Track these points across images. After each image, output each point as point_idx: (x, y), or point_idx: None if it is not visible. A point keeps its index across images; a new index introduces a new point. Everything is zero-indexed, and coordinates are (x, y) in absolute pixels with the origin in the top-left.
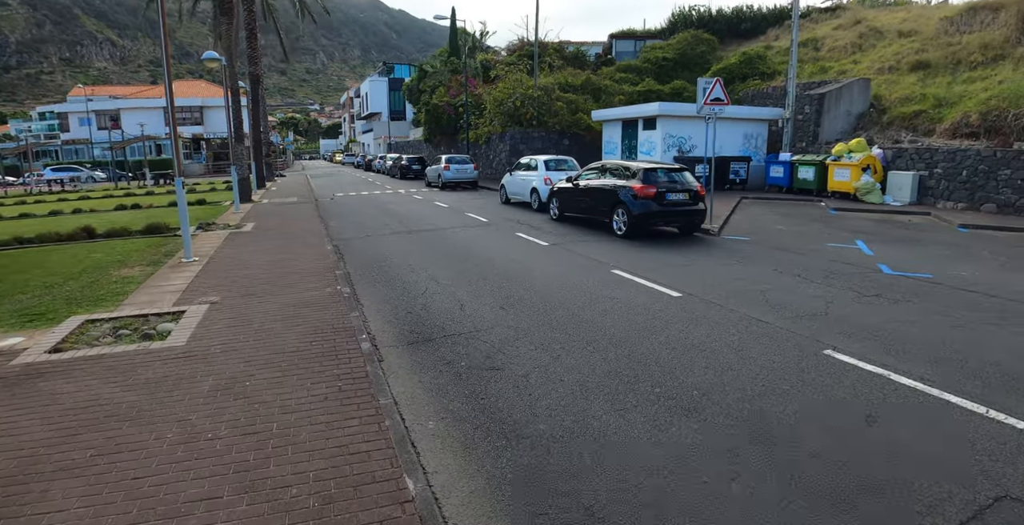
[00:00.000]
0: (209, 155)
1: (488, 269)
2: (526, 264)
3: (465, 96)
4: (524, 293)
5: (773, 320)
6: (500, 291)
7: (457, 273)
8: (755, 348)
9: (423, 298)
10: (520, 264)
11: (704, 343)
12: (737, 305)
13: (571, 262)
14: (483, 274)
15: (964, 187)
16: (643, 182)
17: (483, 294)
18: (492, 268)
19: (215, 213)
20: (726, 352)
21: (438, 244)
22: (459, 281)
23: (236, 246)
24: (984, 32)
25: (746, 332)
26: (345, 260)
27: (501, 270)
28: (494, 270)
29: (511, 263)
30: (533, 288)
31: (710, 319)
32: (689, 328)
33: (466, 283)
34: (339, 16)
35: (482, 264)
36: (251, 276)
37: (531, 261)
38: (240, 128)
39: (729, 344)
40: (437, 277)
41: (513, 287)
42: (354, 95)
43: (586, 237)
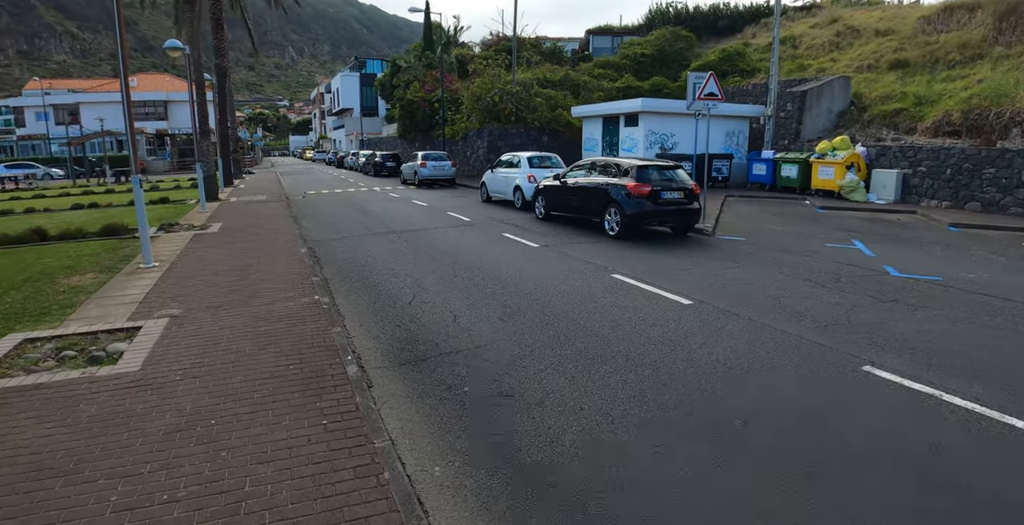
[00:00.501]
0: (174, 151)
1: (478, 274)
2: (519, 268)
3: (441, 91)
4: (522, 302)
5: (797, 331)
6: (495, 300)
7: (445, 279)
8: (787, 365)
9: (411, 309)
10: (512, 269)
11: (730, 360)
12: (753, 313)
13: (566, 266)
14: (474, 280)
15: (948, 185)
16: (637, 180)
17: (477, 303)
18: (482, 273)
19: (179, 212)
20: (758, 371)
21: (421, 246)
22: (449, 288)
23: (201, 249)
24: (961, 31)
25: (772, 346)
26: (321, 265)
27: (493, 275)
28: (485, 275)
29: (502, 267)
30: (531, 296)
31: (729, 331)
32: (710, 342)
33: (457, 290)
34: (308, 11)
35: (471, 268)
36: (218, 284)
37: (523, 265)
38: (205, 123)
39: (758, 360)
40: (424, 284)
41: (509, 295)
42: (325, 91)
43: (577, 238)
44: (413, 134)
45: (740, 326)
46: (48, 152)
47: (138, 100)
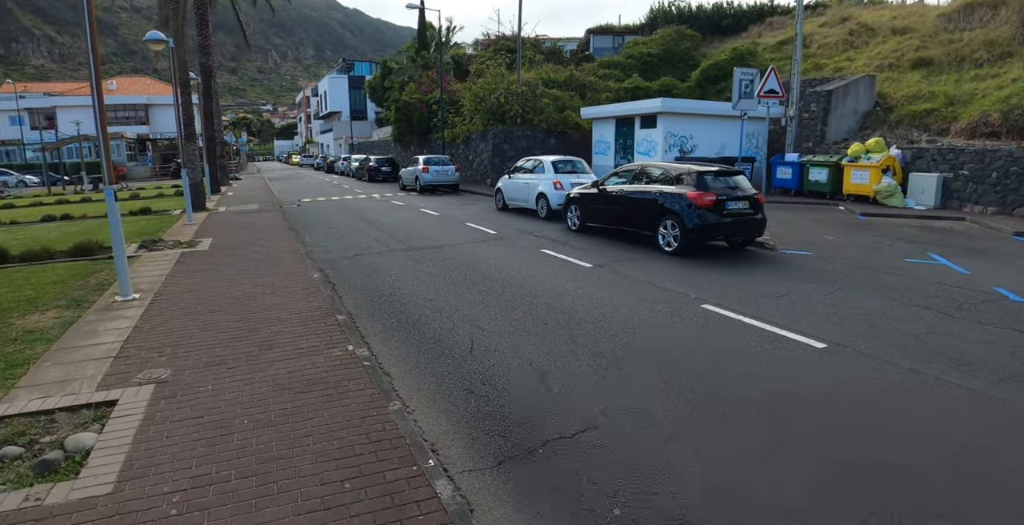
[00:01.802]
0: (156, 157)
1: (538, 306)
2: (583, 297)
3: (440, 92)
4: (614, 347)
5: (978, 385)
6: (577, 345)
7: (500, 314)
8: (1008, 452)
9: (475, 361)
10: (575, 297)
11: (930, 440)
12: (908, 360)
13: (639, 293)
14: (535, 314)
15: (994, 190)
16: (698, 188)
17: (557, 351)
18: (542, 304)
19: (163, 225)
20: (977, 461)
21: (452, 267)
22: (510, 327)
23: (191, 273)
24: (986, 29)
25: (967, 412)
26: (340, 294)
27: (556, 306)
28: (546, 307)
29: (563, 296)
30: (620, 338)
31: (900, 388)
32: (891, 408)
33: (522, 331)
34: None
35: (525, 298)
36: (216, 326)
37: (586, 292)
38: (191, 125)
39: (972, 442)
40: (477, 321)
41: (592, 337)
42: (311, 94)
43: (627, 254)
44: (409, 137)
45: (904, 380)
46: (23, 158)
47: (118, 103)
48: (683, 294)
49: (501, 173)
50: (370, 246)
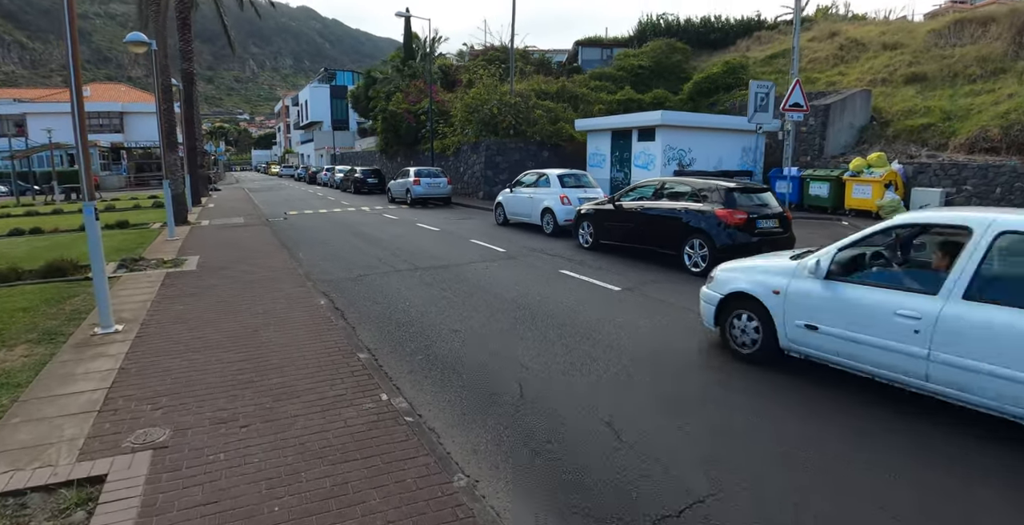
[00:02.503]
0: (131, 166)
1: (578, 338)
2: (625, 326)
3: (429, 102)
4: (679, 390)
5: None
6: (634, 382)
7: (540, 348)
8: None
9: (533, 413)
10: (617, 327)
11: None
12: None
13: (683, 322)
14: (580, 349)
15: (999, 206)
16: (727, 206)
17: (621, 396)
18: (582, 336)
19: (142, 241)
20: None
21: (468, 290)
22: (556, 365)
23: (180, 299)
24: (977, 45)
25: None
26: (354, 326)
27: (598, 339)
28: (588, 339)
29: (602, 325)
30: (683, 378)
31: None
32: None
33: (571, 369)
34: (270, 24)
35: (561, 328)
36: (217, 368)
37: (627, 321)
38: (173, 133)
39: None
40: (517, 357)
41: (650, 376)
42: (291, 103)
43: (653, 276)
44: (396, 148)
45: None
46: None
47: (92, 111)
48: None
49: (494, 186)
50: (373, 265)
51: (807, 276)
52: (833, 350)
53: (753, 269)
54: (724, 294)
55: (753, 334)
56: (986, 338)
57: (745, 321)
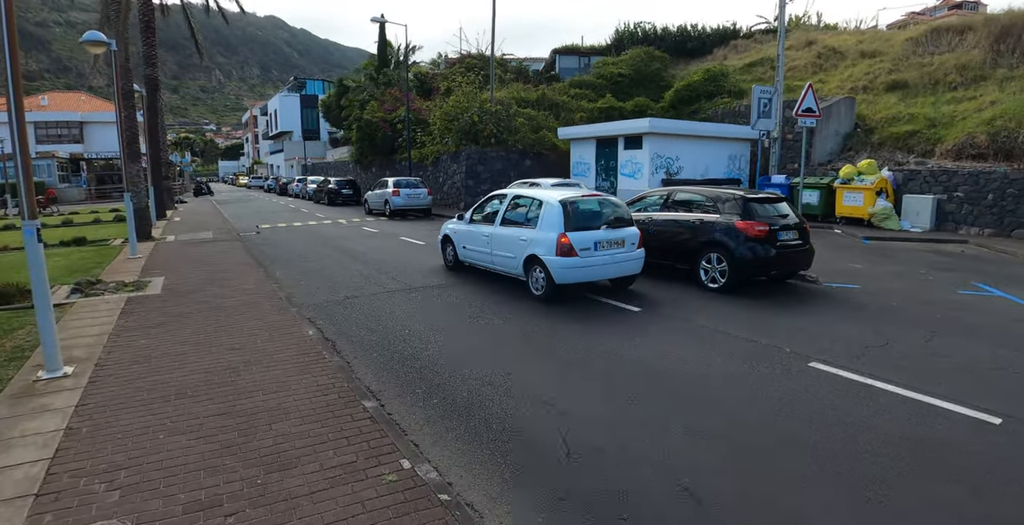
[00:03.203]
0: (91, 178)
1: (609, 370)
2: (661, 356)
3: (406, 110)
4: (746, 433)
5: None
6: (689, 431)
7: (568, 385)
8: None
9: (589, 475)
10: (652, 357)
11: None
12: None
13: (720, 348)
14: (616, 382)
15: (991, 212)
16: (745, 217)
17: (687, 449)
18: (615, 369)
19: (102, 259)
20: None
21: (473, 313)
22: (595, 407)
23: (143, 331)
24: (956, 53)
25: None
26: (351, 362)
27: (633, 371)
28: (623, 372)
29: (630, 353)
30: (740, 415)
31: None
32: None
33: (612, 409)
34: (237, 33)
35: (586, 357)
36: (191, 426)
37: (659, 350)
38: (136, 142)
39: None
40: (547, 398)
41: (700, 416)
42: (260, 113)
43: (669, 293)
44: (371, 158)
45: None
46: None
47: (50, 120)
48: (774, 347)
49: (476, 196)
50: (359, 285)
51: (462, 222)
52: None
53: (450, 226)
54: (441, 236)
55: (451, 255)
56: (501, 240)
57: (450, 249)
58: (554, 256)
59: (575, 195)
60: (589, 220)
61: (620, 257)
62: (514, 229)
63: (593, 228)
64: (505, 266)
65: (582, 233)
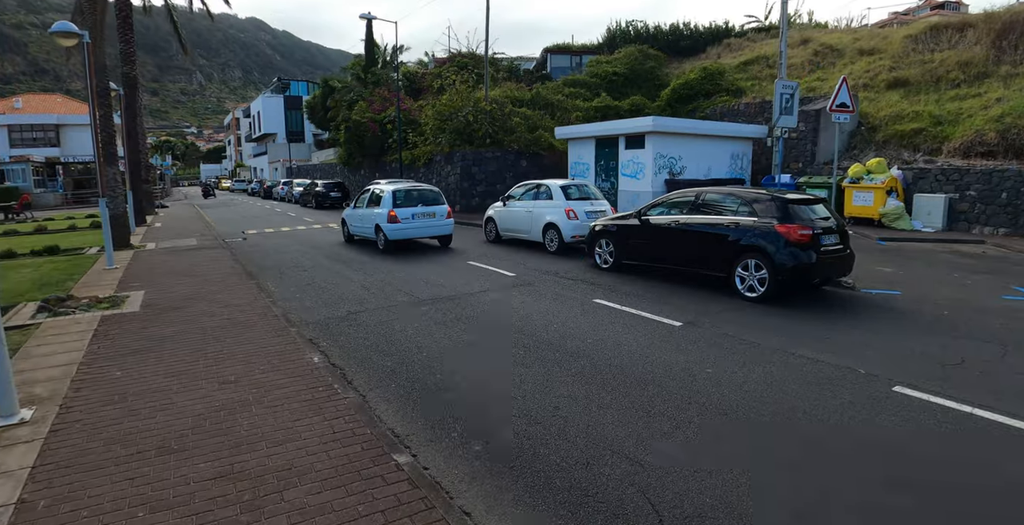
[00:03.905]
0: (68, 182)
1: (681, 404)
2: (730, 384)
3: (396, 110)
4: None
5: None
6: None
7: (633, 423)
8: None
9: None
10: (717, 384)
11: None
12: None
13: (790, 370)
14: (688, 419)
15: (1005, 211)
16: (786, 220)
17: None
18: (684, 400)
19: (75, 271)
20: None
21: (495, 331)
22: (676, 456)
23: (117, 359)
24: (958, 50)
25: None
26: (366, 395)
27: (706, 404)
28: (696, 406)
29: (694, 383)
30: (852, 464)
31: None
32: None
33: (699, 458)
34: (218, 36)
35: (645, 388)
36: (178, 494)
37: (726, 376)
38: (112, 144)
39: None
40: (615, 444)
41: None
42: (243, 115)
43: (704, 304)
44: (360, 160)
45: None
46: None
47: (24, 123)
48: (846, 369)
49: (471, 198)
50: (362, 298)
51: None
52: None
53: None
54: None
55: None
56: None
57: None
58: (387, 223)
59: (404, 186)
60: (410, 201)
61: (432, 223)
62: (370, 209)
63: (412, 206)
64: (364, 232)
65: (404, 209)
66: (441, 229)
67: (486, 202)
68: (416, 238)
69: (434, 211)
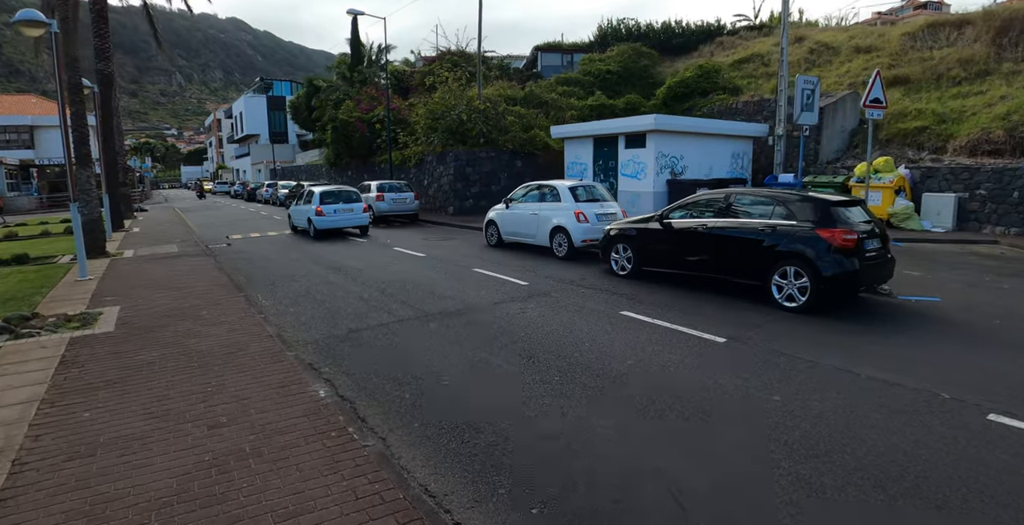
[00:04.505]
0: (43, 185)
1: (739, 434)
2: (803, 415)
3: (385, 109)
4: None
5: None
6: None
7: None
8: None
9: None
10: (785, 414)
11: None
12: None
13: (865, 395)
14: (780, 466)
15: (1017, 210)
16: (827, 224)
17: None
18: (765, 438)
19: (44, 283)
20: None
21: (523, 353)
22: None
23: (86, 395)
24: (958, 47)
25: None
26: (385, 438)
27: (781, 436)
28: (780, 446)
29: (756, 414)
30: None
31: None
32: None
33: None
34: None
35: (705, 416)
36: None
37: (795, 404)
38: (85, 144)
39: None
40: (728, 516)
41: None
42: (224, 116)
43: (740, 315)
44: (348, 160)
45: None
46: None
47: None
48: (927, 392)
49: (465, 200)
50: (363, 312)
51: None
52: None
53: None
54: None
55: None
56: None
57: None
58: (315, 216)
59: (330, 188)
60: (333, 199)
61: (351, 216)
62: (306, 205)
63: (335, 203)
64: (301, 224)
65: (329, 205)
66: (359, 221)
67: (480, 204)
68: (339, 228)
69: (352, 207)
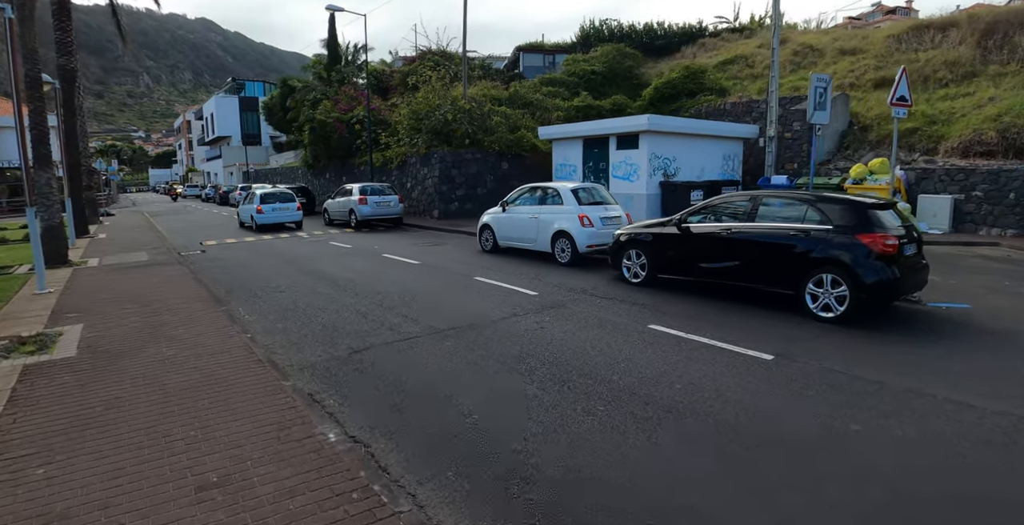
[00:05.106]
0: (3, 189)
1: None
2: (882, 447)
3: (365, 109)
4: None
5: None
6: None
7: None
8: None
9: None
10: (872, 447)
11: None
12: None
13: (945, 422)
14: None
15: (1013, 212)
16: (866, 228)
17: None
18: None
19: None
20: None
21: (552, 377)
22: None
23: (39, 448)
24: (944, 50)
25: None
26: (415, 496)
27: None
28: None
29: (839, 444)
30: None
31: None
32: None
33: None
34: (166, 36)
35: (777, 448)
36: None
37: (873, 431)
38: (44, 143)
39: None
40: None
41: None
42: (194, 117)
43: (777, 327)
44: (325, 162)
45: None
46: None
47: None
48: (1016, 416)
49: (450, 203)
50: (363, 329)
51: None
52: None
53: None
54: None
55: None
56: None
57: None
58: (256, 214)
59: (268, 190)
60: (271, 199)
61: (286, 214)
62: (249, 204)
63: (273, 203)
64: (246, 219)
65: (267, 204)
66: (293, 217)
67: (466, 207)
68: (277, 222)
69: (288, 206)
